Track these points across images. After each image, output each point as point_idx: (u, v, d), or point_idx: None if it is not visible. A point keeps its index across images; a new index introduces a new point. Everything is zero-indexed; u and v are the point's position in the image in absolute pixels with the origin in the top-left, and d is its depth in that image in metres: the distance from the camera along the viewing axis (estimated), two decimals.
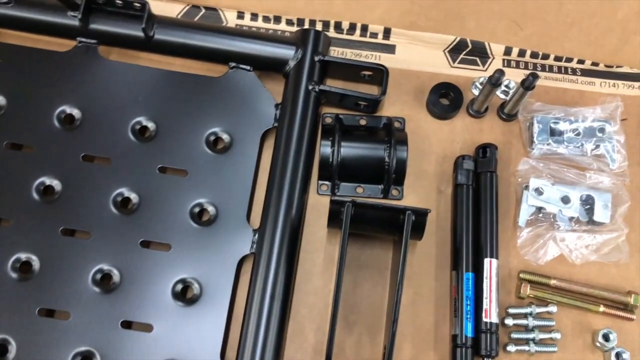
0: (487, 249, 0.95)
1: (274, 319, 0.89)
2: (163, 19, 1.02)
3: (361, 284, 0.97)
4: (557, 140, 1.01)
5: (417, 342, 0.94)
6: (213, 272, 0.93)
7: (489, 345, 0.90)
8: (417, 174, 1.03)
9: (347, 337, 0.95)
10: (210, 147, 0.99)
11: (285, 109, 0.99)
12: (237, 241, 0.94)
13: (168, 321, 0.90)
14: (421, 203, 1.01)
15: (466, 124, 1.06)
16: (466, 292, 0.93)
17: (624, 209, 0.98)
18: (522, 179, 1.00)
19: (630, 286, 0.97)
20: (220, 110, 1.00)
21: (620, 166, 1.01)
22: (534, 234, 0.97)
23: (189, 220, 0.95)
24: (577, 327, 0.95)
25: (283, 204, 0.94)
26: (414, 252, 0.99)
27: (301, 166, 0.97)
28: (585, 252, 0.96)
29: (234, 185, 0.97)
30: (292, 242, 0.93)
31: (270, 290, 0.90)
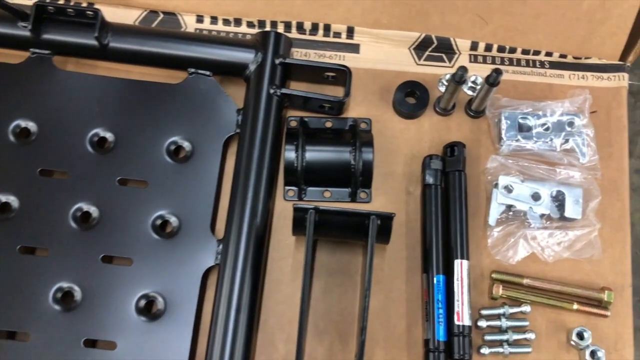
0: (457, 250, 0.93)
1: (241, 331, 0.87)
2: (118, 26, 0.99)
3: (331, 290, 0.95)
4: (525, 136, 0.99)
5: (389, 348, 0.92)
6: (177, 286, 0.90)
7: (461, 348, 0.88)
8: (385, 176, 1.01)
9: (318, 345, 0.93)
10: (171, 156, 0.96)
11: (247, 114, 0.97)
12: (201, 253, 0.92)
13: (132, 338, 0.88)
14: (390, 205, 0.99)
15: (434, 123, 1.04)
16: (437, 295, 0.91)
17: (595, 203, 0.96)
18: (491, 177, 0.98)
19: (604, 282, 0.95)
20: (181, 117, 0.98)
21: (590, 160, 0.99)
22: (505, 232, 0.95)
23: (151, 232, 0.93)
24: (551, 326, 0.93)
25: (247, 212, 0.92)
26: (384, 255, 0.97)
27: (265, 172, 0.94)
28: (558, 250, 0.95)
29: (197, 195, 0.95)
30: (257, 251, 0.91)
31: (235, 301, 0.88)
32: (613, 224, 0.98)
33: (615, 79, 1.06)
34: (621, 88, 1.06)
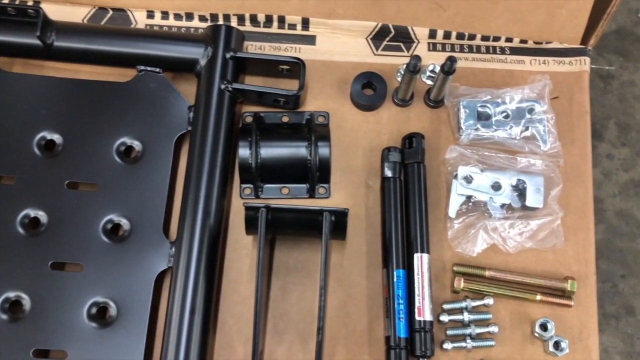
0: (417, 244, 0.91)
1: (196, 334, 0.84)
2: (62, 25, 0.96)
3: (290, 290, 0.93)
4: (485, 125, 0.97)
5: (350, 346, 0.90)
6: (129, 291, 0.88)
7: (423, 345, 0.86)
8: (344, 170, 0.99)
9: (278, 346, 0.90)
10: (121, 157, 0.93)
11: (198, 110, 0.94)
12: (154, 256, 0.89)
13: (83, 346, 0.85)
14: (350, 200, 0.97)
15: (392, 114, 1.01)
16: (397, 291, 0.88)
17: (557, 191, 0.94)
18: (451, 168, 0.96)
19: (568, 271, 0.93)
20: (130, 117, 0.95)
21: (552, 147, 0.97)
22: (465, 224, 0.93)
23: (102, 237, 0.90)
24: (515, 318, 0.91)
25: (200, 212, 0.89)
26: (344, 251, 0.95)
27: (218, 170, 0.92)
28: (519, 240, 0.93)
29: (148, 197, 0.92)
30: (211, 251, 0.88)
31: (189, 304, 0.85)
32: (577, 212, 0.96)
33: (577, 63, 1.04)
34: (583, 72, 1.03)
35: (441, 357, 0.90)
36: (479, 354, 0.90)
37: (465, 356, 0.90)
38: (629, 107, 1.77)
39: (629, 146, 1.74)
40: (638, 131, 1.74)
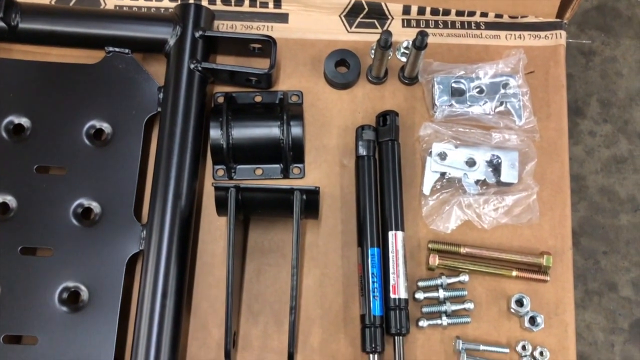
0: (391, 222, 0.90)
1: (168, 317, 0.83)
2: (27, 6, 0.94)
3: (265, 271, 0.92)
4: (459, 101, 0.95)
5: (326, 326, 0.90)
6: (101, 275, 0.86)
7: (398, 322, 0.86)
8: (318, 149, 0.97)
9: (253, 327, 0.90)
10: (90, 140, 0.92)
11: (168, 91, 0.92)
12: (125, 239, 0.88)
13: (55, 331, 0.84)
14: (324, 179, 0.96)
15: (367, 92, 1.00)
16: (372, 269, 0.88)
17: (532, 166, 0.93)
18: (426, 145, 0.95)
19: (544, 247, 0.93)
20: (99, 99, 0.93)
21: (527, 122, 0.96)
22: (439, 201, 0.93)
23: (72, 220, 0.89)
24: (491, 294, 0.91)
25: (170, 195, 0.88)
26: (319, 231, 0.94)
27: (189, 151, 0.90)
28: (494, 216, 0.92)
29: (119, 180, 0.90)
30: (183, 234, 0.87)
31: (161, 287, 0.84)
32: (553, 187, 0.95)
33: (552, 37, 1.03)
34: (559, 46, 1.02)
35: (417, 334, 0.89)
36: (455, 331, 0.89)
37: (441, 333, 0.89)
38: (611, 83, 1.75)
39: (610, 123, 1.73)
40: (620, 107, 1.73)
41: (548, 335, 0.89)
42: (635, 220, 1.66)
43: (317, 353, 0.89)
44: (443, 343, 0.89)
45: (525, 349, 0.88)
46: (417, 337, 0.89)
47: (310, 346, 0.89)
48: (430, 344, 0.89)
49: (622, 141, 1.71)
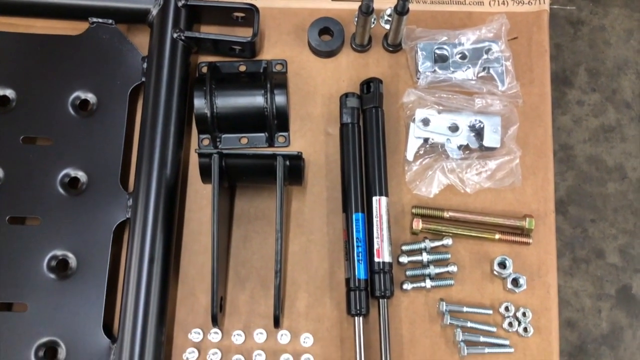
0: (375, 187, 0.91)
1: (155, 282, 0.85)
2: None
3: (252, 238, 0.93)
4: (442, 67, 0.96)
5: (311, 290, 0.91)
6: (89, 243, 0.88)
7: (382, 285, 0.87)
8: (303, 118, 0.98)
9: (240, 293, 0.91)
10: (76, 110, 0.93)
11: (152, 61, 0.93)
12: (112, 207, 0.89)
13: (44, 298, 0.86)
14: (309, 147, 0.97)
15: (351, 60, 1.00)
16: (357, 234, 0.89)
17: (514, 130, 0.94)
18: (410, 112, 0.95)
19: (527, 210, 0.94)
20: (84, 70, 0.94)
21: (510, 87, 0.96)
22: (423, 166, 0.93)
23: (59, 190, 0.90)
24: (474, 257, 0.92)
25: (156, 163, 0.89)
26: (304, 198, 0.95)
27: (173, 121, 0.91)
28: (477, 180, 0.93)
29: (104, 149, 0.91)
30: (169, 201, 0.88)
31: (148, 253, 0.85)
32: (536, 151, 0.96)
33: (536, 3, 1.03)
34: (542, 12, 1.02)
35: (401, 297, 0.91)
36: (439, 293, 0.91)
37: (425, 296, 0.91)
38: (599, 52, 1.75)
39: (599, 92, 1.73)
40: (608, 77, 1.73)
41: (531, 296, 0.91)
42: (623, 188, 1.68)
43: (303, 317, 0.90)
44: (427, 305, 0.90)
45: (508, 310, 0.89)
46: (402, 300, 0.90)
47: (297, 310, 0.90)
48: (414, 307, 0.90)
49: (610, 110, 1.72)
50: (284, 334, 0.89)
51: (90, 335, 0.85)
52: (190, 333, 0.89)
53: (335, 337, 0.89)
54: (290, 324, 0.90)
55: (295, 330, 0.89)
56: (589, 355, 1.58)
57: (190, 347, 0.88)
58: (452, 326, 0.89)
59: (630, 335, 1.60)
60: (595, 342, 1.59)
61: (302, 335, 0.89)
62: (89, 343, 0.84)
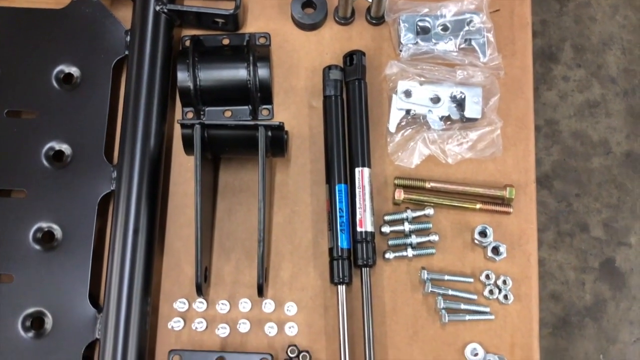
0: (358, 158, 0.92)
1: (140, 252, 0.86)
2: None
3: (236, 210, 0.94)
4: (424, 39, 0.96)
5: (295, 260, 0.92)
6: (74, 215, 0.89)
7: (365, 254, 0.88)
8: (287, 91, 0.99)
9: (225, 264, 0.92)
10: (60, 84, 0.93)
11: (134, 34, 0.93)
12: (96, 180, 0.90)
13: (30, 270, 0.87)
14: (293, 120, 0.97)
15: (334, 33, 1.01)
16: (339, 204, 0.90)
17: (495, 101, 0.95)
18: (392, 84, 0.96)
19: (508, 180, 0.95)
20: (67, 44, 0.94)
21: (491, 59, 0.97)
22: (404, 138, 0.94)
23: (44, 162, 0.90)
24: (456, 227, 0.94)
25: (139, 136, 0.89)
26: (288, 170, 0.96)
27: (156, 94, 0.92)
28: (458, 151, 0.94)
29: (89, 122, 0.92)
30: (152, 173, 0.89)
31: (133, 223, 0.86)
32: (517, 122, 0.97)
33: None
34: None
35: (384, 267, 0.92)
36: (421, 262, 0.92)
37: (407, 265, 0.92)
38: (585, 28, 1.76)
39: (584, 67, 1.74)
40: (593, 52, 1.74)
41: (511, 265, 0.92)
42: (607, 163, 1.70)
43: (287, 286, 0.91)
44: (409, 274, 0.92)
45: (488, 278, 0.91)
46: (384, 269, 0.92)
47: (281, 280, 0.92)
48: (396, 275, 0.92)
49: (595, 86, 1.73)
50: (268, 303, 0.90)
51: (77, 306, 0.86)
52: (175, 302, 0.90)
53: (318, 305, 0.91)
54: (274, 293, 0.91)
55: (279, 300, 0.91)
56: (573, 326, 1.61)
57: (175, 316, 0.90)
58: (433, 294, 0.90)
59: (613, 307, 1.63)
60: (578, 314, 1.62)
61: (286, 304, 0.90)
62: (75, 313, 0.86)
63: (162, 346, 0.89)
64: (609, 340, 1.61)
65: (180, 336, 0.90)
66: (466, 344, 0.89)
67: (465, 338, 0.89)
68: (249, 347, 0.89)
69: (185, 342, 0.89)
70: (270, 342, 0.89)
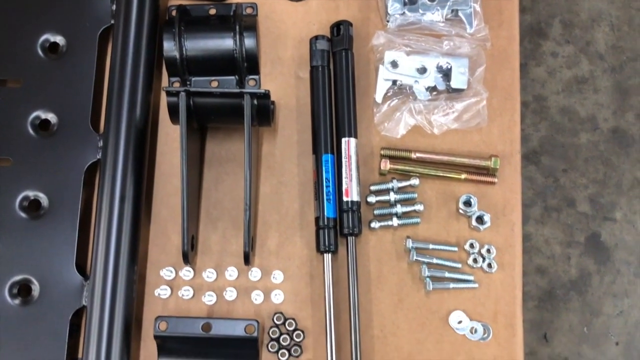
0: (344, 129, 0.92)
1: (126, 221, 0.86)
2: None
3: (223, 180, 0.95)
4: (411, 9, 0.96)
5: (282, 230, 0.93)
6: (60, 184, 0.89)
7: (350, 223, 0.89)
8: (274, 61, 0.99)
9: (212, 233, 0.93)
10: (45, 53, 0.93)
11: (120, 3, 0.93)
12: (83, 149, 0.90)
13: (17, 238, 0.87)
14: (280, 91, 0.98)
15: (322, 3, 1.00)
16: (326, 174, 0.90)
17: (481, 72, 0.95)
18: (379, 55, 0.96)
19: (493, 151, 0.95)
20: (52, 12, 0.94)
21: (478, 29, 0.97)
22: (391, 108, 0.95)
23: (30, 132, 0.90)
24: (441, 197, 0.94)
25: (125, 106, 0.90)
26: (275, 141, 0.96)
27: (142, 63, 0.92)
28: (444, 121, 0.94)
29: (75, 91, 0.92)
30: (139, 142, 0.89)
31: (119, 191, 0.87)
32: (503, 93, 0.98)
33: None
34: None
35: (369, 236, 0.93)
36: (406, 231, 0.93)
37: (393, 234, 0.93)
38: (574, 4, 1.76)
39: (573, 44, 1.75)
40: (582, 29, 1.75)
41: (495, 234, 0.93)
42: (595, 138, 1.71)
43: (274, 255, 0.92)
44: (394, 243, 0.93)
45: (473, 247, 0.92)
46: (370, 238, 0.93)
47: (268, 249, 0.92)
48: (381, 245, 0.92)
49: (584, 62, 1.74)
50: (255, 272, 0.91)
51: (63, 273, 0.86)
52: (162, 271, 0.90)
53: (305, 274, 0.91)
54: (261, 262, 0.92)
55: (265, 268, 0.91)
56: (558, 300, 1.63)
57: (162, 284, 0.90)
58: (418, 263, 0.91)
59: (597, 281, 1.65)
60: (564, 288, 1.64)
61: (273, 272, 0.91)
62: (62, 280, 0.86)
63: (149, 314, 0.90)
64: (592, 313, 1.64)
65: (167, 304, 0.90)
66: (450, 312, 0.90)
67: (450, 306, 0.91)
68: (236, 315, 0.90)
69: (172, 309, 0.90)
70: (257, 309, 0.90)
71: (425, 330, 0.90)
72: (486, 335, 0.89)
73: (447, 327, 0.90)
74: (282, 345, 0.88)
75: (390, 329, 0.90)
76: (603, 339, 1.63)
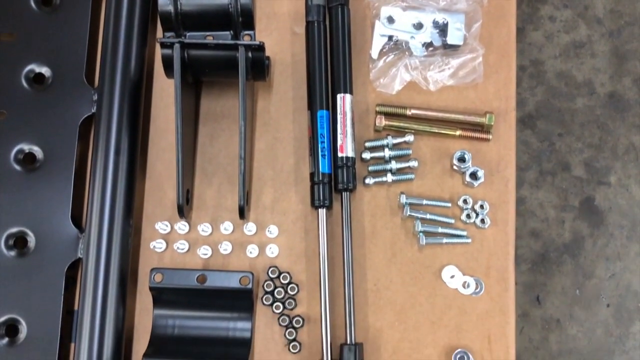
0: (340, 85, 0.92)
1: (122, 174, 0.87)
2: None
3: (218, 135, 0.95)
4: None
5: (277, 185, 0.93)
6: (55, 137, 0.89)
7: (345, 178, 0.89)
8: (269, 16, 0.98)
9: (207, 188, 0.93)
10: (38, 5, 0.92)
11: None
12: (77, 102, 0.90)
13: (12, 190, 0.88)
14: (275, 46, 0.97)
15: None
16: (321, 130, 0.90)
17: (477, 28, 0.95)
18: (376, 11, 0.96)
19: (489, 108, 0.95)
20: None
21: None
22: (386, 64, 0.94)
23: (24, 85, 0.90)
24: (435, 154, 0.95)
25: (120, 59, 0.89)
26: (270, 97, 0.96)
27: (137, 17, 0.91)
28: (440, 77, 0.94)
29: (69, 44, 0.92)
30: (133, 96, 0.89)
31: (114, 144, 0.87)
32: (499, 50, 0.97)
33: None
34: None
35: (364, 191, 0.93)
36: (400, 187, 0.93)
37: (387, 190, 0.93)
38: None
39: (570, 8, 1.74)
40: None
41: (489, 190, 0.94)
42: (591, 103, 1.71)
43: (269, 210, 0.93)
44: (388, 199, 0.93)
45: (466, 202, 0.92)
46: (364, 194, 0.93)
47: (263, 204, 0.93)
48: (376, 200, 0.93)
49: (582, 26, 1.73)
50: (250, 226, 0.91)
51: (59, 226, 0.87)
52: (157, 224, 0.91)
53: (299, 228, 0.92)
54: (256, 217, 0.93)
55: (260, 223, 0.92)
56: (551, 262, 1.65)
57: (158, 238, 0.91)
58: (411, 218, 0.92)
59: (590, 244, 1.67)
60: (557, 251, 1.65)
61: (268, 227, 0.91)
62: (58, 233, 0.87)
63: (144, 266, 0.91)
64: (585, 276, 1.66)
65: (163, 257, 0.91)
66: (443, 266, 0.91)
67: (443, 261, 0.92)
68: (231, 268, 0.91)
69: (167, 262, 0.91)
70: (252, 263, 0.91)
71: (418, 285, 0.91)
72: (478, 289, 0.90)
73: (439, 282, 0.91)
74: (276, 298, 0.89)
75: (383, 283, 0.91)
76: (594, 301, 1.65)
